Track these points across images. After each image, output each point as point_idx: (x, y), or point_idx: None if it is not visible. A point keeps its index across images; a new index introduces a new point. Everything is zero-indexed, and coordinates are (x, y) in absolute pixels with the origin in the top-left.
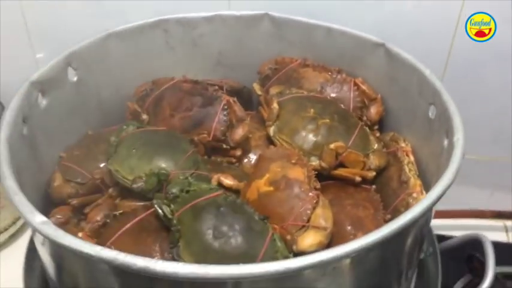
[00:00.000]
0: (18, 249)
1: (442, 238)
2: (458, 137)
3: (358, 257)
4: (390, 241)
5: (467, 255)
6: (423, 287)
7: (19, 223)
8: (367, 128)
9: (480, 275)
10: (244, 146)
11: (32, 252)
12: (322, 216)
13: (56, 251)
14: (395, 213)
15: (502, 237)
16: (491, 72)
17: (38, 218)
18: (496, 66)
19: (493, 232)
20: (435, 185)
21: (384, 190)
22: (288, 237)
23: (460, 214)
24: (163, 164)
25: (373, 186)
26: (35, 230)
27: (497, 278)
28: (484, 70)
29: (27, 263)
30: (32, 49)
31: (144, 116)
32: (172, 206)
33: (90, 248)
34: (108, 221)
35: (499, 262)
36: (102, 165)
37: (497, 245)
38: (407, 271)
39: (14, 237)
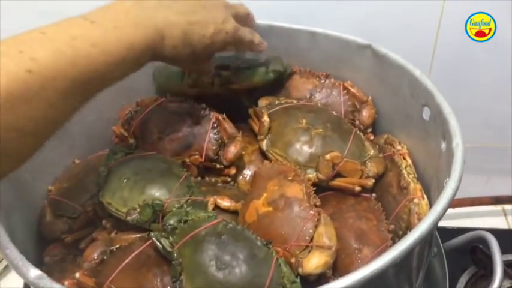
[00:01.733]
0: (13, 281)
1: (442, 230)
2: (458, 142)
3: (368, 281)
4: (400, 260)
5: (470, 247)
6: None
7: None
8: (361, 134)
9: (485, 267)
10: (238, 163)
11: None
12: (325, 235)
13: None
14: (398, 221)
15: (501, 221)
16: (479, 59)
17: (32, 273)
18: (483, 52)
19: (492, 217)
20: (440, 198)
21: (384, 197)
22: (293, 260)
23: (458, 203)
24: (156, 193)
25: (373, 195)
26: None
27: None
28: (471, 58)
29: None
30: None
31: (132, 141)
32: (171, 238)
33: None
34: (105, 257)
35: (502, 251)
36: (92, 196)
37: (497, 233)
38: (417, 278)
39: (8, 268)
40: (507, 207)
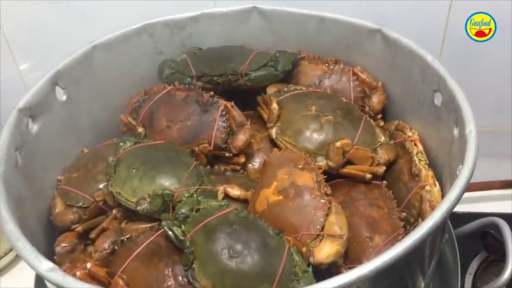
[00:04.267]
0: (22, 271)
1: (452, 215)
2: (471, 129)
3: (381, 270)
4: (413, 249)
5: (481, 232)
6: (442, 275)
7: None
8: (371, 120)
9: (495, 252)
10: (247, 151)
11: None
12: (337, 224)
13: None
14: (410, 209)
15: (511, 205)
16: (491, 40)
17: (44, 265)
18: (495, 35)
19: (502, 202)
20: (453, 186)
21: (395, 184)
22: (304, 249)
23: (468, 187)
24: (166, 183)
25: (384, 182)
26: (43, 277)
27: None
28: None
29: None
30: (14, 61)
31: (140, 129)
32: (183, 226)
33: None
34: (116, 247)
35: None
36: (102, 185)
37: (508, 218)
38: (429, 266)
39: (18, 258)
40: None
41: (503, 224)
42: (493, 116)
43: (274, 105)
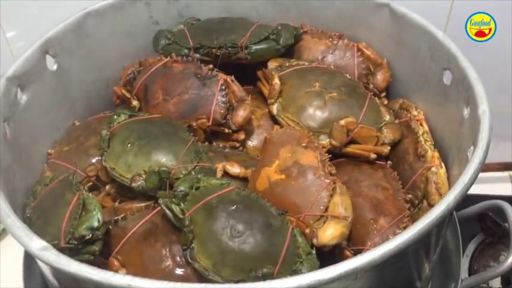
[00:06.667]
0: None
1: None
2: (484, 109)
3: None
4: (424, 234)
5: (479, 214)
6: (443, 257)
7: None
8: (376, 98)
9: (493, 234)
10: (247, 127)
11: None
12: (341, 205)
13: (59, 273)
14: (415, 190)
15: (508, 188)
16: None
17: (36, 244)
18: (499, 15)
19: (499, 184)
20: (467, 168)
21: (400, 165)
22: (307, 230)
23: None
24: (163, 159)
25: (389, 162)
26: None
27: None
28: None
29: (26, 268)
30: (1, 28)
31: (135, 102)
32: (182, 204)
33: (100, 276)
34: (110, 227)
35: None
36: (94, 160)
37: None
38: (435, 251)
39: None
40: None
41: (508, 207)
42: (493, 97)
43: (276, 81)
